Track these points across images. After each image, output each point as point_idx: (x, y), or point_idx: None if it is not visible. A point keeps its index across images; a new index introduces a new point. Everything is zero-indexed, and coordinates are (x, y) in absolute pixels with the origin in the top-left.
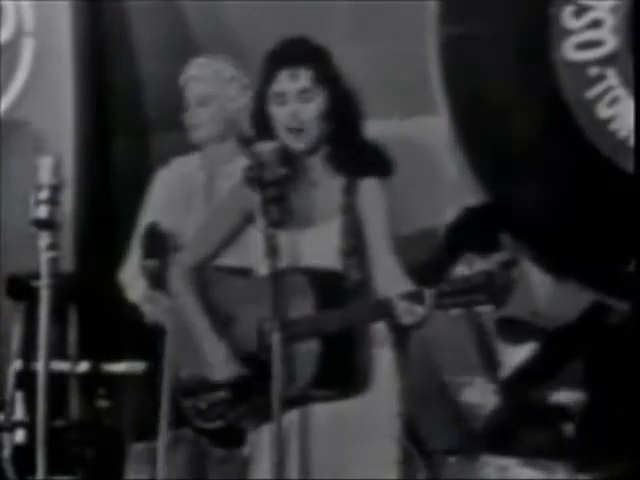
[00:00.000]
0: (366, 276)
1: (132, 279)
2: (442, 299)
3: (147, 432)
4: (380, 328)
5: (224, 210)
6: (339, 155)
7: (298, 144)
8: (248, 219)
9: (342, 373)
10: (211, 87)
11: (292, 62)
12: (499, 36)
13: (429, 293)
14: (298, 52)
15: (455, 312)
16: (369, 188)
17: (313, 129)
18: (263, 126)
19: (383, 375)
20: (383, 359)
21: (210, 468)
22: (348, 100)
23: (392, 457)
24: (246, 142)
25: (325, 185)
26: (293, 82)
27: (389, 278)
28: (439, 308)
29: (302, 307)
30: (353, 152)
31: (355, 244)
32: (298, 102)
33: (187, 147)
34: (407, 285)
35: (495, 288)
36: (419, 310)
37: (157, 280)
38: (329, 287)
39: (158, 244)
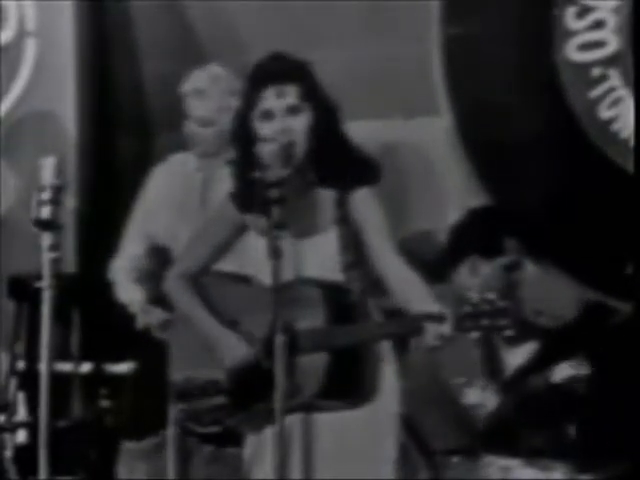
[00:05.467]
0: (366, 289)
1: (122, 278)
2: (464, 322)
3: (140, 431)
4: (384, 343)
5: (214, 222)
6: (325, 171)
7: (286, 161)
8: (240, 230)
9: (348, 385)
10: (213, 107)
11: (278, 79)
12: (501, 36)
13: (452, 315)
14: (283, 68)
15: (475, 334)
16: (361, 198)
17: (302, 143)
18: (246, 144)
19: (387, 382)
20: (387, 370)
21: (198, 467)
22: (332, 115)
23: (391, 456)
24: None
25: (319, 197)
26: (280, 99)
27: (403, 281)
28: (460, 330)
29: (314, 319)
30: (339, 167)
31: (354, 256)
32: (286, 118)
33: (188, 148)
34: (424, 289)
35: (519, 313)
36: (446, 331)
37: (156, 296)
38: (340, 301)
39: (158, 263)
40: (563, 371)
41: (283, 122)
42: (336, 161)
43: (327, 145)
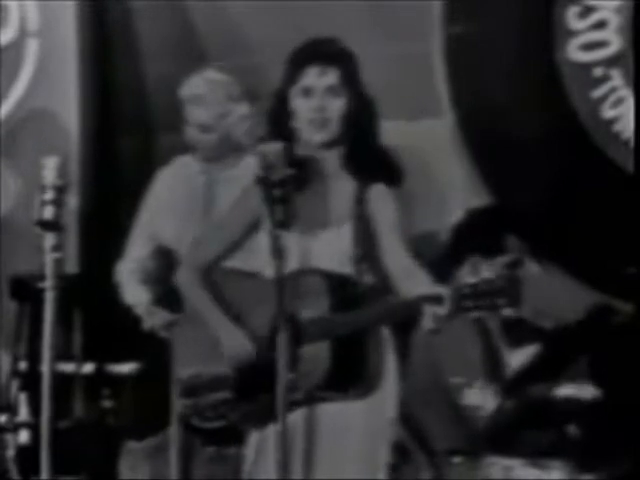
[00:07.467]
0: (378, 282)
1: (127, 280)
2: (463, 302)
3: (142, 431)
4: (384, 332)
5: (234, 212)
6: (353, 157)
7: (319, 135)
8: (257, 222)
9: (353, 375)
10: (211, 114)
11: (322, 60)
12: (504, 37)
13: (449, 295)
14: (329, 51)
15: (474, 314)
16: (379, 194)
17: (336, 124)
18: (281, 122)
19: (387, 378)
20: (387, 362)
21: (199, 467)
22: (368, 104)
23: (384, 460)
24: (242, 150)
25: (338, 189)
26: (322, 78)
27: (409, 279)
28: (460, 311)
29: (317, 308)
30: (367, 156)
31: (366, 250)
32: (325, 97)
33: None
34: (429, 284)
35: (517, 291)
36: (442, 312)
37: (161, 298)
38: (345, 291)
39: (163, 265)
40: (566, 390)
41: (321, 100)
42: (364, 150)
43: (358, 132)
